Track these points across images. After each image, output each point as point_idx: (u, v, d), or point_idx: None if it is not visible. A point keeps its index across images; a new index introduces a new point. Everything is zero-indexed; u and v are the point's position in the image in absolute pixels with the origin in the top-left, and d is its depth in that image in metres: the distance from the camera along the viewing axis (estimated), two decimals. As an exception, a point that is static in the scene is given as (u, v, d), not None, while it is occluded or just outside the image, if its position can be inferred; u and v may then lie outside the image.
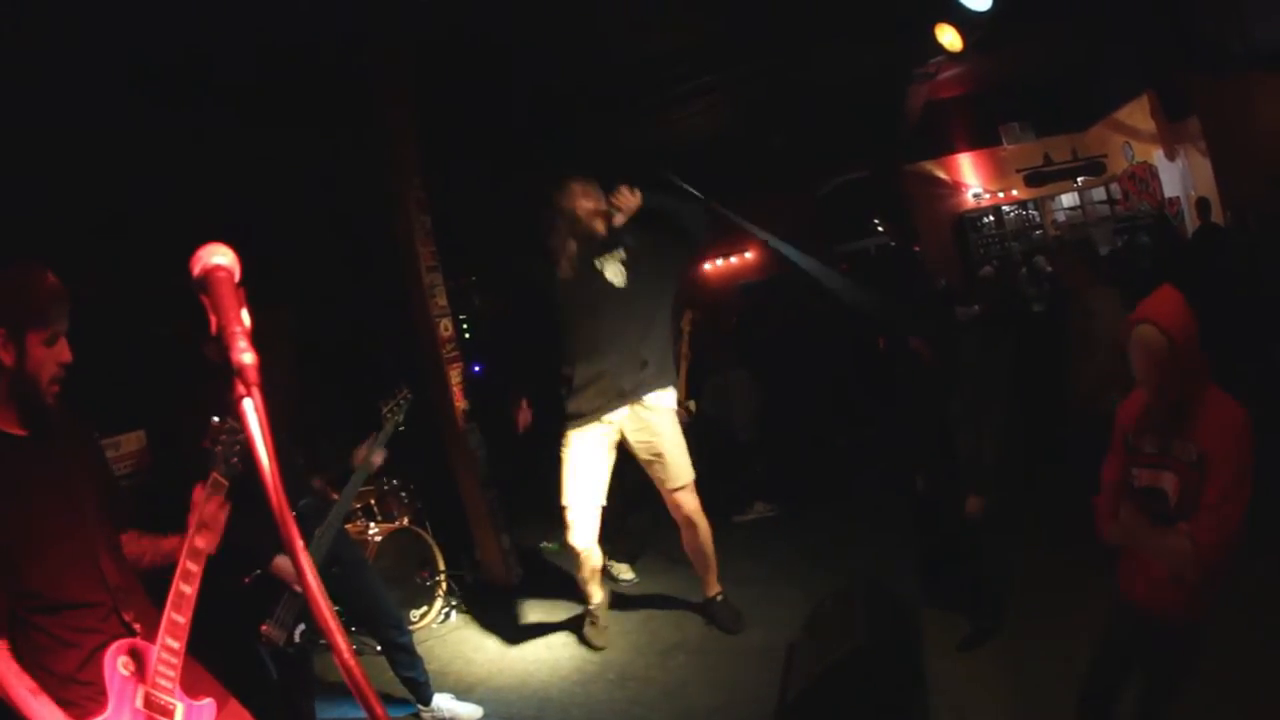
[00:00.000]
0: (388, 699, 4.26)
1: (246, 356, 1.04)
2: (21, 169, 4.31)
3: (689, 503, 4.62)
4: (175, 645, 2.12)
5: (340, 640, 0.98)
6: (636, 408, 4.53)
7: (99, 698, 2.08)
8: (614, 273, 4.48)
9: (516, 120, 7.80)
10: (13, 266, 2.19)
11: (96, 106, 4.66)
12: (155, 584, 2.41)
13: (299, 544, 0.97)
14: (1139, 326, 2.43)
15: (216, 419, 2.35)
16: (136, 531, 2.51)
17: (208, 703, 2.24)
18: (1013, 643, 3.97)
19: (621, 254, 4.50)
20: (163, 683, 2.11)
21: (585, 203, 4.39)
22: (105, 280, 4.20)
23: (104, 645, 2.14)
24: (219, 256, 1.16)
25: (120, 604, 2.23)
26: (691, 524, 4.66)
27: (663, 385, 4.61)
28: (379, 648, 4.27)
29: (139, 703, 2.10)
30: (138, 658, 2.17)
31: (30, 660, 2.06)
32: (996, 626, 4.06)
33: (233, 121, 5.45)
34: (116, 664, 2.13)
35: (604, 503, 4.68)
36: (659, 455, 4.57)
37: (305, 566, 0.97)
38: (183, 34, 4.71)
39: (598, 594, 4.94)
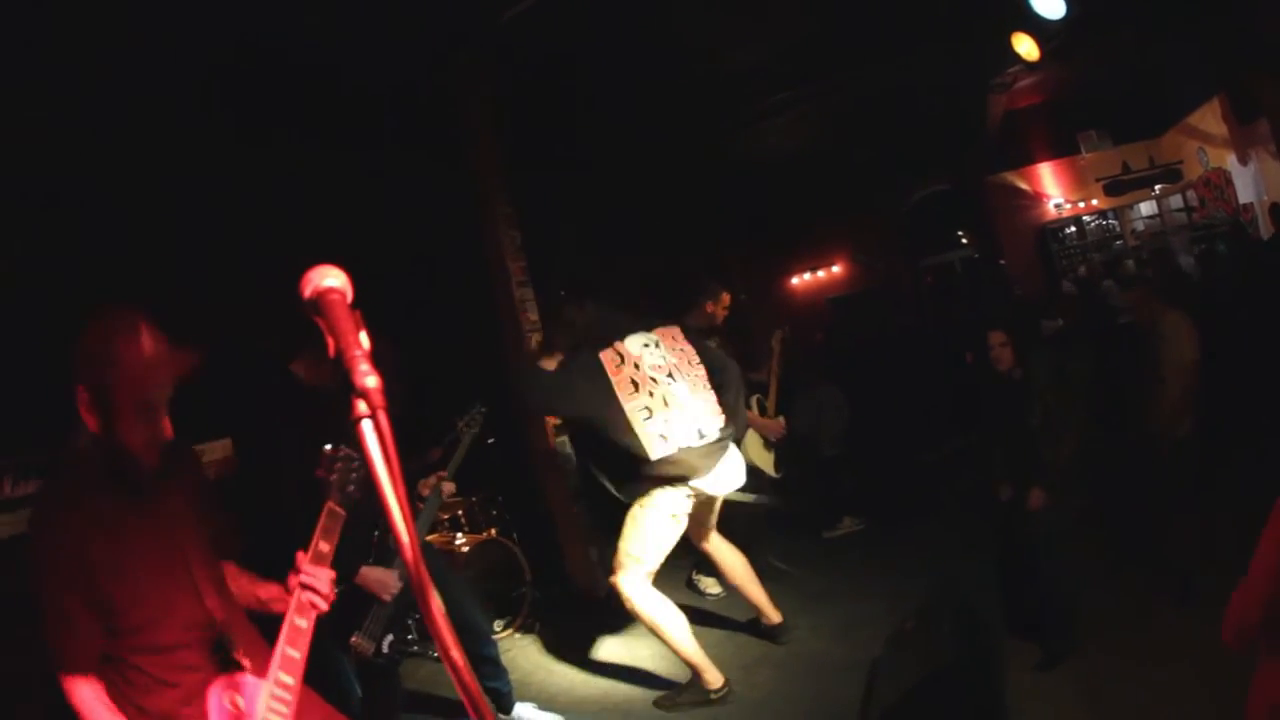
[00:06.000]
0: (457, 707, 4.30)
1: (370, 380, 0.99)
2: (118, 178, 4.46)
3: None
4: (289, 680, 2.00)
5: (456, 653, 0.99)
6: None
7: None
8: None
9: (599, 137, 7.93)
10: (103, 317, 1.98)
11: (192, 122, 4.85)
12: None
13: (424, 570, 0.97)
14: None
15: (329, 446, 2.26)
16: (236, 568, 2.36)
17: None
18: (1092, 662, 3.92)
19: None
20: (274, 717, 1.97)
21: None
22: (194, 292, 4.25)
23: (207, 682, 2.06)
24: (331, 279, 1.11)
25: (226, 640, 2.13)
26: None
27: None
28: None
29: None
30: (245, 694, 2.06)
31: (124, 698, 1.97)
32: (1069, 646, 3.97)
33: (317, 141, 5.58)
34: (221, 701, 2.03)
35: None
36: None
37: (430, 592, 0.97)
38: (270, 56, 4.94)
39: (713, 677, 4.28)
